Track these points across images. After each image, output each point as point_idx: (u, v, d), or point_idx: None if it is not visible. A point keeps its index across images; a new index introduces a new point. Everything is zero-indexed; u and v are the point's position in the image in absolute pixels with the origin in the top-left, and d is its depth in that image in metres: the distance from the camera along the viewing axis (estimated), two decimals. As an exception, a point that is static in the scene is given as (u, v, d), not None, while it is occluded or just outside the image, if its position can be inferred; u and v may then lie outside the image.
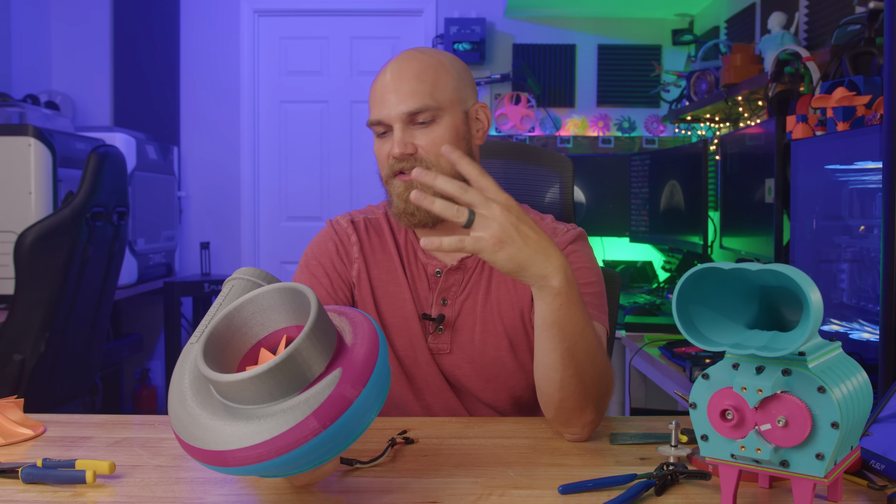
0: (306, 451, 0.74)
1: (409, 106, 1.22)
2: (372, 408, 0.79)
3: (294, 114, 4.35)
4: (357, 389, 0.76)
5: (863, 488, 0.92)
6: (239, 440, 0.74)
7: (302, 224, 4.32)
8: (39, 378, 2.54)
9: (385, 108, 1.23)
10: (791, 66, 2.41)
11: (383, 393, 0.81)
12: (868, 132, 1.70)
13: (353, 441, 0.79)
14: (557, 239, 1.31)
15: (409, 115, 1.22)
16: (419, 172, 0.96)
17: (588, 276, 1.26)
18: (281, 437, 0.73)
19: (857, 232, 1.77)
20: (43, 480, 0.93)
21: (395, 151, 1.22)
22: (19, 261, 2.44)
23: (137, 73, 4.20)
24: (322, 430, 0.74)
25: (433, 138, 1.24)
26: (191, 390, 0.80)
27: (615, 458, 1.03)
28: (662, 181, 3.41)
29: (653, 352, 2.45)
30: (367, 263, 1.33)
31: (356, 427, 0.78)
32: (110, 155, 2.69)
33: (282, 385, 0.75)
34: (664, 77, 3.87)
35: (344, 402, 0.75)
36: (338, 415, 0.75)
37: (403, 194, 1.24)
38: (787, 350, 0.76)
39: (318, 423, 0.74)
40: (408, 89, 1.23)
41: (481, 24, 4.05)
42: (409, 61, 1.25)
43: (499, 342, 1.29)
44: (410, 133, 1.23)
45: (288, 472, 0.78)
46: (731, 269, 0.79)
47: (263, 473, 0.77)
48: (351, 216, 1.38)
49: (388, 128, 1.24)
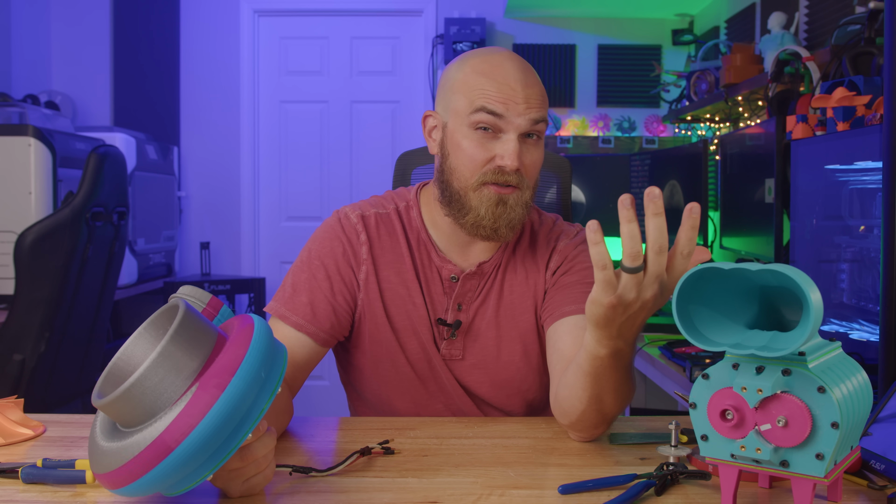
0: (168, 468, 0.75)
1: (537, 115, 1.16)
2: (235, 418, 0.77)
3: (294, 114, 4.35)
4: (207, 406, 0.76)
5: (863, 488, 0.92)
6: (116, 461, 0.77)
7: (302, 224, 4.32)
8: (39, 378, 2.54)
9: (511, 110, 1.15)
10: (791, 66, 2.41)
11: (248, 401, 0.78)
12: (868, 132, 1.70)
13: (227, 452, 0.78)
14: (570, 239, 1.31)
15: (532, 125, 1.16)
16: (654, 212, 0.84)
17: None
18: (140, 456, 0.75)
19: (857, 232, 1.77)
20: (43, 480, 0.93)
21: (510, 164, 1.15)
22: (19, 261, 2.44)
23: (137, 73, 4.20)
24: (174, 448, 0.75)
25: (536, 158, 1.20)
26: (97, 428, 0.84)
27: (615, 458, 1.03)
28: (662, 181, 3.41)
29: (653, 352, 2.45)
30: (376, 265, 1.27)
31: (215, 442, 0.76)
32: (110, 155, 2.69)
33: (141, 408, 0.77)
34: (664, 77, 3.87)
35: (192, 420, 0.75)
36: (188, 431, 0.75)
37: (495, 209, 1.17)
38: (787, 350, 0.76)
39: (169, 442, 0.75)
40: (536, 100, 1.17)
41: (481, 24, 4.05)
42: (531, 72, 1.19)
43: (513, 347, 1.28)
44: (521, 146, 1.17)
45: (171, 487, 0.79)
46: (731, 269, 0.79)
47: (145, 491, 0.78)
48: (361, 211, 1.30)
49: (499, 130, 1.16)
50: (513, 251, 1.30)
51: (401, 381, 1.29)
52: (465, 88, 1.18)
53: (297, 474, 0.96)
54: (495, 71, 1.17)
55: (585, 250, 1.28)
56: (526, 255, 1.30)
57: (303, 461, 1.01)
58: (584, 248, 1.29)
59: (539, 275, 1.29)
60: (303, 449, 1.08)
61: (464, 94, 1.18)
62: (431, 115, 1.26)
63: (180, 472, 0.76)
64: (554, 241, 1.31)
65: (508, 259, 1.30)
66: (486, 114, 1.15)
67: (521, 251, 1.31)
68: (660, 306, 0.90)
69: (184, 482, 0.79)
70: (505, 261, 1.30)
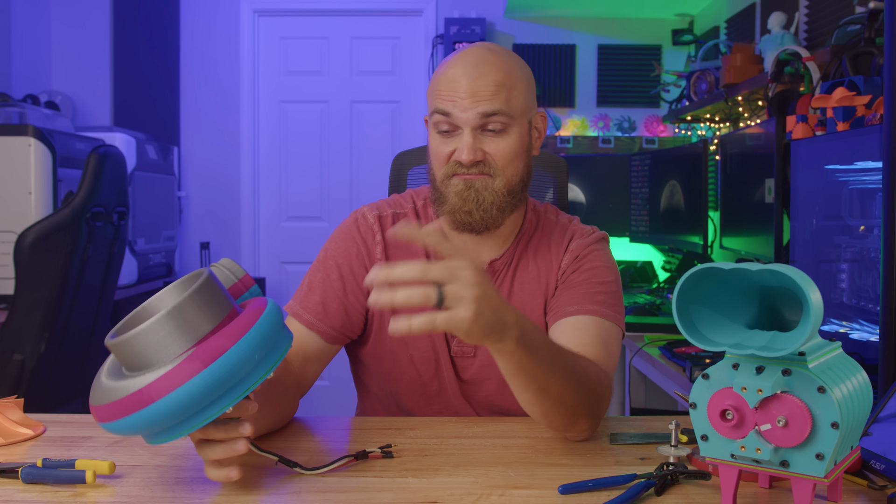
0: (145, 418, 0.80)
1: (485, 109, 1.18)
2: (216, 392, 0.81)
3: (294, 114, 4.35)
4: (191, 374, 0.80)
5: (863, 488, 0.92)
6: (107, 398, 0.83)
7: (302, 224, 4.32)
8: (39, 378, 2.54)
9: (457, 107, 1.18)
10: (791, 66, 2.41)
11: (233, 379, 0.82)
12: (868, 132, 1.70)
13: (204, 419, 0.82)
14: (582, 239, 1.31)
15: (482, 119, 1.18)
16: (377, 275, 0.86)
17: (605, 276, 1.27)
18: (125, 399, 0.81)
19: (857, 232, 1.77)
20: (43, 480, 0.93)
21: (463, 158, 1.18)
22: (19, 261, 2.44)
23: (137, 73, 4.19)
24: (153, 402, 0.80)
25: (502, 147, 1.21)
26: (106, 365, 0.90)
27: (615, 458, 1.03)
28: (662, 181, 3.41)
29: (653, 352, 2.45)
30: None
31: (192, 408, 0.81)
32: (110, 155, 2.69)
33: (143, 357, 0.83)
34: (664, 77, 3.87)
35: (175, 383, 0.80)
36: (168, 391, 0.79)
37: (463, 192, 1.20)
38: (787, 350, 0.76)
39: (152, 395, 0.80)
40: (485, 92, 1.18)
41: (481, 24, 4.05)
42: (486, 64, 1.20)
43: None
44: (479, 139, 1.20)
45: (150, 437, 0.85)
46: (731, 269, 0.79)
47: (124, 432, 0.83)
48: (378, 211, 1.33)
49: (455, 127, 1.20)
50: (525, 248, 1.31)
51: (403, 381, 1.31)
52: (431, 90, 1.25)
53: (283, 466, 0.97)
54: (449, 69, 1.21)
55: (596, 250, 1.30)
56: (539, 252, 1.31)
57: (302, 461, 1.01)
58: (594, 248, 1.30)
59: (552, 273, 1.30)
60: (303, 449, 1.08)
61: (430, 96, 1.25)
62: (427, 118, 1.31)
63: (156, 426, 0.82)
64: (567, 240, 1.32)
65: (521, 256, 1.31)
66: (439, 115, 1.21)
67: (533, 248, 1.32)
68: (490, 288, 0.89)
69: (161, 435, 0.84)
70: (517, 258, 1.31)
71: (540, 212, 1.36)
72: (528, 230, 1.32)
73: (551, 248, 1.31)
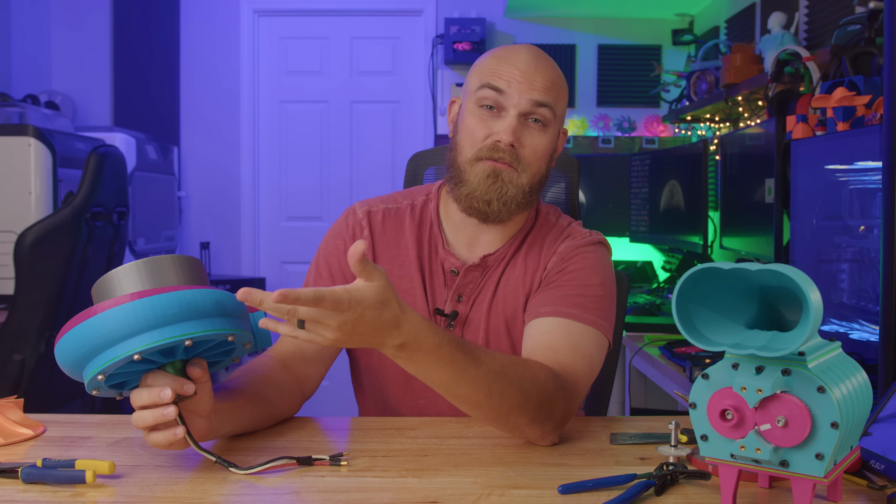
0: (94, 323, 0.90)
1: (538, 98, 1.20)
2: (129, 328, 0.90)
3: (294, 114, 4.35)
4: (139, 297, 0.90)
5: (863, 488, 0.92)
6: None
7: (302, 224, 4.32)
8: (39, 378, 2.54)
9: (512, 87, 1.20)
10: (791, 66, 2.41)
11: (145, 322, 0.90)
12: (868, 132, 1.70)
13: (148, 341, 0.90)
14: (574, 241, 1.30)
15: (532, 107, 1.20)
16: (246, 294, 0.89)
17: (588, 279, 1.24)
18: (83, 312, 0.91)
19: (857, 232, 1.77)
20: (43, 480, 0.93)
21: (505, 139, 1.19)
22: (19, 261, 2.44)
23: (137, 73, 4.19)
24: (98, 314, 0.90)
25: (538, 142, 1.22)
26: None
27: (615, 458, 1.03)
28: (662, 181, 3.41)
29: (653, 352, 2.45)
30: (376, 258, 1.31)
31: (135, 325, 0.89)
32: (110, 155, 2.69)
33: (111, 289, 0.94)
34: (664, 77, 3.87)
35: (130, 298, 0.90)
36: (121, 303, 0.90)
37: (488, 180, 1.21)
38: (786, 350, 0.76)
39: (102, 308, 0.90)
40: (542, 84, 1.21)
41: (481, 24, 4.05)
42: (545, 61, 1.24)
43: (499, 340, 1.29)
44: (520, 127, 1.21)
45: (94, 353, 0.91)
46: (730, 269, 0.79)
47: (76, 344, 0.91)
48: (369, 206, 1.35)
49: (501, 108, 1.21)
50: (519, 245, 1.31)
51: (389, 375, 1.32)
52: (479, 69, 1.25)
53: (284, 466, 0.96)
54: (509, 54, 1.23)
55: (585, 253, 1.28)
56: (531, 251, 1.31)
57: (300, 461, 1.02)
58: (585, 251, 1.28)
59: (537, 273, 1.30)
60: (302, 448, 1.08)
61: (477, 74, 1.25)
62: (456, 101, 1.32)
63: (92, 340, 0.90)
64: (561, 241, 1.31)
65: (514, 253, 1.31)
66: (489, 89, 1.21)
67: (526, 247, 1.32)
68: (356, 330, 0.91)
69: (96, 356, 0.91)
70: (510, 255, 1.31)
71: (542, 213, 1.36)
72: (526, 228, 1.33)
73: (542, 249, 1.31)
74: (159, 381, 0.94)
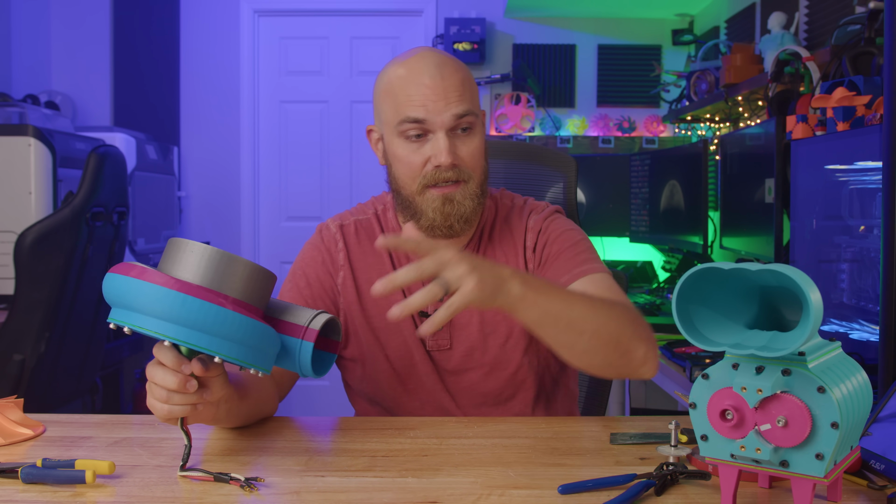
0: (132, 285, 0.89)
1: (459, 109, 1.19)
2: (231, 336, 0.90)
3: (294, 114, 4.35)
4: (182, 290, 0.89)
5: (863, 488, 0.92)
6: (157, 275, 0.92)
7: (302, 224, 4.32)
8: (39, 378, 2.54)
9: (431, 111, 1.18)
10: (791, 66, 2.41)
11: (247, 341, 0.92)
12: (868, 132, 1.70)
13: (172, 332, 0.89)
14: (538, 215, 1.33)
15: (456, 119, 1.19)
16: (382, 286, 0.95)
17: (574, 237, 1.30)
18: (135, 267, 0.91)
19: (857, 232, 1.77)
20: (43, 480, 0.93)
21: (444, 160, 1.18)
22: (19, 261, 2.44)
23: (137, 73, 4.19)
24: (139, 279, 0.89)
25: (473, 147, 1.22)
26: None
27: (615, 458, 1.03)
28: (662, 181, 3.41)
29: (653, 352, 2.45)
30: (353, 269, 1.33)
31: (168, 311, 0.88)
32: (110, 155, 2.69)
33: (174, 259, 0.93)
34: (664, 77, 3.87)
35: (176, 286, 0.89)
36: (165, 284, 0.88)
37: (443, 208, 1.21)
38: (786, 350, 0.76)
39: (148, 276, 0.89)
40: (455, 93, 1.19)
41: (481, 24, 4.05)
42: (447, 65, 1.21)
43: (497, 331, 1.30)
44: (452, 141, 1.20)
45: (123, 306, 0.91)
46: (731, 269, 0.79)
47: (115, 286, 0.91)
48: (341, 220, 1.38)
49: (427, 131, 1.20)
50: (489, 237, 1.33)
51: (381, 379, 1.33)
52: (389, 99, 1.23)
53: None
54: (411, 75, 1.20)
55: (555, 220, 1.33)
56: (503, 238, 1.33)
57: (302, 461, 1.02)
58: (553, 219, 1.33)
59: (518, 257, 1.32)
60: (303, 448, 1.08)
61: (388, 105, 1.23)
62: (373, 129, 1.31)
63: (125, 296, 0.90)
64: (525, 219, 1.34)
65: (486, 245, 1.33)
66: (409, 123, 1.20)
67: (496, 236, 1.34)
68: (472, 257, 0.96)
69: (124, 310, 0.91)
70: (483, 247, 1.32)
71: (496, 198, 1.37)
72: (488, 218, 1.34)
73: (513, 232, 1.33)
74: (161, 355, 0.95)
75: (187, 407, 0.96)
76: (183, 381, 0.93)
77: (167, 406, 0.96)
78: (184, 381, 0.94)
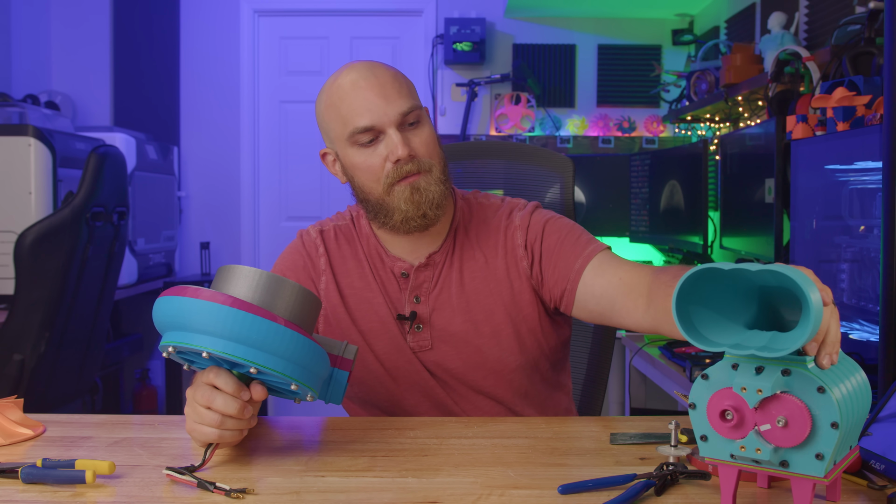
0: (181, 303, 0.92)
1: (402, 106, 1.22)
2: (283, 352, 0.92)
3: (294, 114, 4.35)
4: (232, 304, 0.90)
5: (862, 488, 0.92)
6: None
7: (302, 224, 4.29)
8: (39, 378, 2.54)
9: (375, 114, 1.21)
10: (791, 66, 2.41)
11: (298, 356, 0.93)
12: (868, 132, 1.70)
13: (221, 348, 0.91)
14: (522, 212, 1.34)
15: (402, 116, 1.22)
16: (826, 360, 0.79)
17: (565, 223, 1.33)
18: (184, 287, 0.93)
19: (857, 232, 1.77)
20: (43, 480, 0.93)
21: (401, 153, 1.21)
22: (19, 261, 2.44)
23: (137, 73, 4.19)
24: (189, 296, 0.91)
25: (425, 137, 1.25)
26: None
27: (615, 458, 1.03)
28: (662, 181, 3.41)
29: (653, 352, 2.45)
30: (335, 274, 1.34)
31: (216, 326, 0.90)
32: (110, 155, 2.69)
33: (226, 281, 0.96)
34: (664, 77, 3.87)
35: (225, 300, 0.90)
36: (214, 300, 0.90)
37: (413, 196, 1.23)
38: (786, 350, 0.76)
39: (196, 293, 0.91)
40: (393, 92, 1.23)
41: (481, 24, 4.05)
42: (379, 69, 1.25)
43: (482, 331, 1.30)
44: (404, 136, 1.23)
45: (174, 327, 0.94)
46: (730, 270, 0.79)
47: (164, 308, 0.94)
48: (321, 226, 1.39)
49: (377, 135, 1.23)
50: (465, 237, 1.34)
51: (374, 380, 1.33)
52: (333, 115, 1.25)
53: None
54: (349, 86, 1.23)
55: (539, 214, 1.34)
56: (480, 238, 1.34)
57: (302, 461, 1.02)
58: (538, 214, 1.34)
59: (499, 257, 1.32)
60: (303, 448, 1.08)
61: (334, 121, 1.26)
62: (327, 151, 1.33)
63: (174, 316, 0.92)
64: (506, 217, 1.35)
65: (462, 245, 1.33)
66: (359, 133, 1.22)
67: (473, 235, 1.34)
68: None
69: (174, 330, 0.94)
70: (459, 247, 1.33)
71: (470, 199, 1.39)
72: (462, 219, 1.35)
73: (491, 232, 1.34)
74: (221, 380, 0.96)
75: (236, 432, 0.98)
76: (242, 407, 0.96)
77: (218, 431, 0.97)
78: (243, 406, 0.96)
